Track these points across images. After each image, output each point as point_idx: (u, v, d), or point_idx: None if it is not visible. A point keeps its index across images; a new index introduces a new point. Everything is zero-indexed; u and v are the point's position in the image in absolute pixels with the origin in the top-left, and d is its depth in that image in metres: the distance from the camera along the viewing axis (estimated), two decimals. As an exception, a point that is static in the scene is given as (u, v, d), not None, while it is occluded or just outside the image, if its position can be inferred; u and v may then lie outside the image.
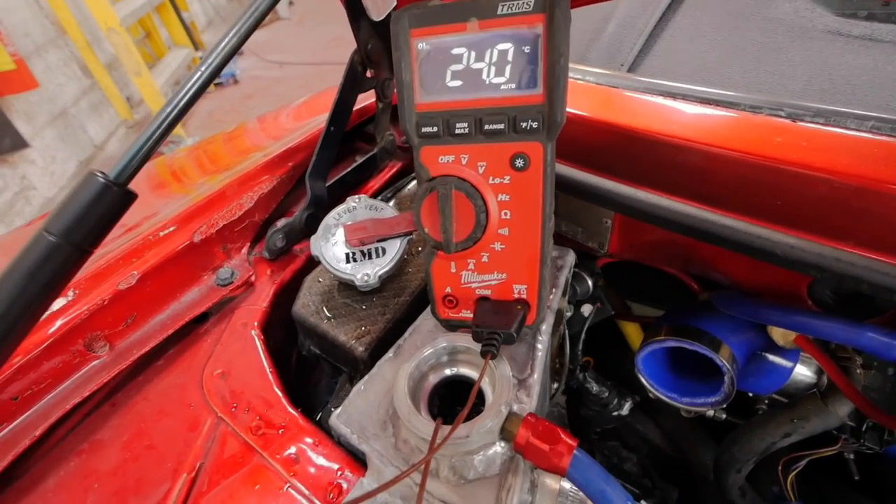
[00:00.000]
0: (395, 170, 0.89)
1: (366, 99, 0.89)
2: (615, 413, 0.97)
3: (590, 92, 0.69)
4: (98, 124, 4.21)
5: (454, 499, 0.43)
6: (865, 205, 0.47)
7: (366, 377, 0.54)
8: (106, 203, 0.36)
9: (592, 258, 0.88)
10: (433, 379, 0.51)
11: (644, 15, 0.78)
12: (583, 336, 0.92)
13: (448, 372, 0.52)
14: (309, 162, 0.73)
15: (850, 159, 0.48)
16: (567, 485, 0.46)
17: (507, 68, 0.43)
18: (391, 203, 0.81)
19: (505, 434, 0.44)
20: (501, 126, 0.44)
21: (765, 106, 0.56)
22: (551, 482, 0.46)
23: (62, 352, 0.52)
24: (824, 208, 0.49)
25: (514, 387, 0.50)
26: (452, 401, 0.54)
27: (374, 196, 0.83)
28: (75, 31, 3.87)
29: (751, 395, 0.90)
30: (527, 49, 0.42)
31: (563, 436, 0.42)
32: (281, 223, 0.71)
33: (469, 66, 0.44)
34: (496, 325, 0.47)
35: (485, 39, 0.43)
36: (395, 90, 0.48)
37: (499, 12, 0.42)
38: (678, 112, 0.61)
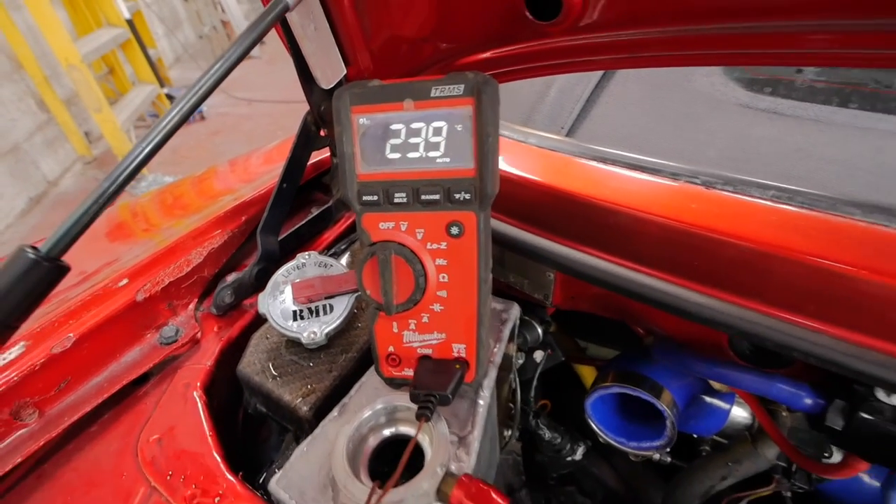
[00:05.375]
0: (350, 221, 0.91)
1: (323, 152, 0.92)
2: (569, 458, 0.98)
3: (533, 155, 0.73)
4: (53, 160, 4.08)
5: (391, 565, 0.43)
6: (768, 267, 0.52)
7: (308, 438, 0.54)
8: (35, 279, 0.36)
9: (543, 306, 0.92)
10: (373, 441, 0.52)
11: (582, 83, 0.85)
12: (535, 382, 0.94)
13: (387, 432, 0.53)
14: (261, 216, 0.74)
15: (755, 226, 0.53)
16: (504, 545, 0.47)
17: (442, 144, 0.47)
18: (346, 256, 0.83)
19: (441, 496, 0.45)
20: (437, 196, 0.47)
21: (682, 174, 0.61)
22: (488, 543, 0.47)
23: (-15, 422, 0.50)
24: (734, 269, 0.54)
25: (453, 445, 0.51)
26: (393, 457, 0.55)
27: (329, 248, 0.84)
28: (33, 67, 3.80)
29: (695, 436, 0.93)
30: (459, 127, 0.46)
31: (494, 496, 0.43)
32: (231, 278, 0.72)
33: (406, 140, 0.48)
34: (433, 387, 0.49)
35: (420, 117, 0.47)
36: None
37: (432, 94, 0.45)
38: (610, 177, 0.66)
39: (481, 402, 0.56)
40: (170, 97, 5.14)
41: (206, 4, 7.26)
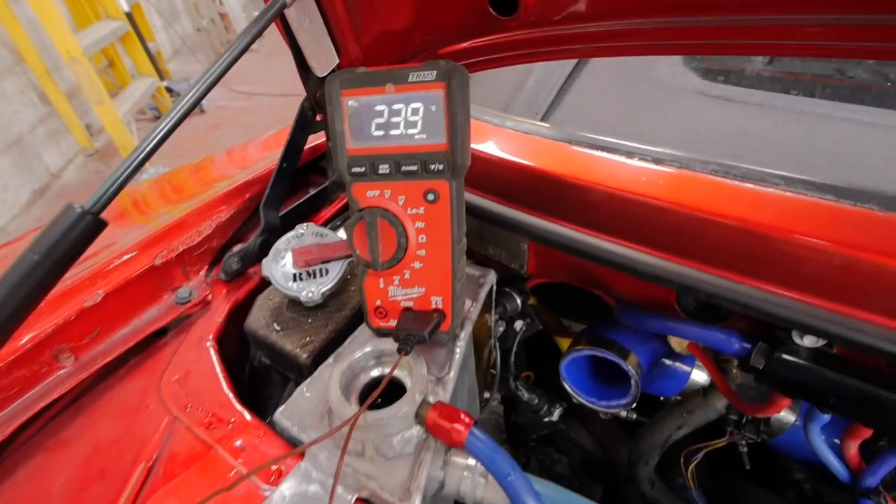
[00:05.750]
0: (345, 201, 0.99)
1: (319, 137, 1.00)
2: (546, 419, 1.07)
3: (510, 138, 0.82)
4: (55, 152, 4.15)
5: (375, 473, 0.52)
6: (704, 230, 0.60)
7: (308, 380, 0.62)
8: (80, 230, 0.44)
9: (522, 279, 1.00)
10: (363, 379, 0.60)
11: (556, 72, 0.93)
12: (514, 349, 1.03)
13: (375, 373, 0.61)
14: (263, 193, 0.82)
15: (694, 195, 0.61)
16: (472, 461, 0.55)
17: (419, 122, 0.55)
18: (341, 231, 0.91)
19: (419, 419, 0.53)
20: (415, 167, 0.55)
21: (637, 153, 0.70)
22: (459, 460, 0.55)
23: (30, 362, 0.58)
24: (677, 234, 0.62)
25: (430, 382, 0.60)
26: (384, 397, 0.63)
27: (326, 223, 0.93)
28: (34, 60, 3.85)
29: (661, 399, 1.02)
30: (433, 108, 0.54)
31: (461, 416, 0.52)
32: (237, 248, 0.80)
33: (389, 119, 0.56)
34: (413, 330, 0.57)
35: (400, 99, 0.55)
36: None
37: (409, 80, 0.53)
38: (577, 156, 0.74)
39: (457, 350, 0.65)
40: (169, 90, 5.20)
41: (204, -3, 7.28)
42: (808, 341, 0.59)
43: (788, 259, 0.55)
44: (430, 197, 0.56)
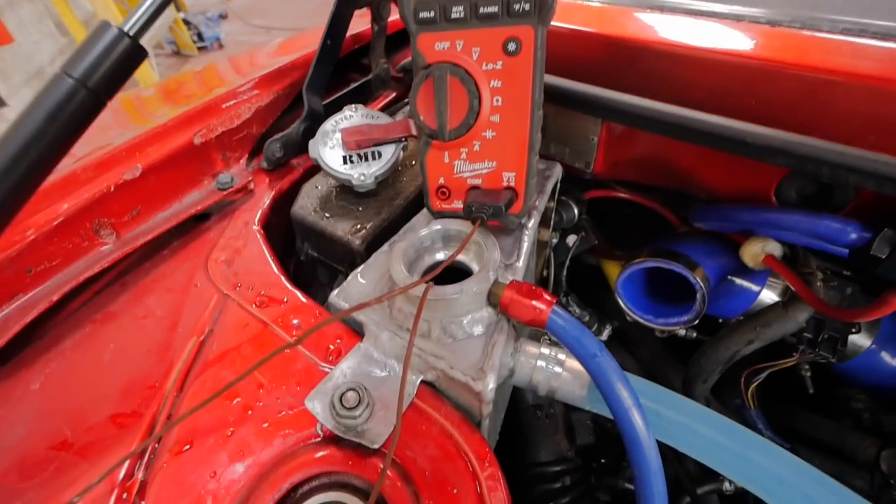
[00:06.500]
0: (388, 98, 0.91)
1: (360, 25, 0.91)
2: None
3: (579, 9, 0.71)
4: (77, 84, 4.09)
5: (444, 353, 0.47)
6: (830, 97, 0.51)
7: (362, 266, 0.57)
8: (119, 53, 0.38)
9: (580, 188, 0.92)
10: (427, 260, 0.55)
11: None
12: (567, 263, 0.97)
13: (440, 256, 0.56)
14: (303, 80, 0.74)
15: (819, 55, 0.52)
16: (545, 349, 0.50)
17: (502, -47, 0.46)
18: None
19: (491, 298, 0.48)
20: (496, 9, 0.47)
21: (746, 16, 0.59)
22: (531, 347, 0.51)
23: (72, 233, 0.54)
24: (793, 103, 0.53)
25: (500, 260, 0.54)
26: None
27: (369, 120, 0.85)
28: (50, -16, 3.72)
29: (720, 320, 0.96)
30: (520, -68, 0.45)
31: (543, 293, 0.46)
32: (279, 136, 0.73)
33: (466, -50, 0.47)
34: (486, 202, 0.51)
35: (482, -77, 0.45)
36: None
37: None
38: (664, 22, 0.64)
39: (525, 237, 0.59)
40: (186, 22, 5.02)
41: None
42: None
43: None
44: (511, 47, 0.48)
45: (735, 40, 0.57)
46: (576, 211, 0.91)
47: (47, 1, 3.88)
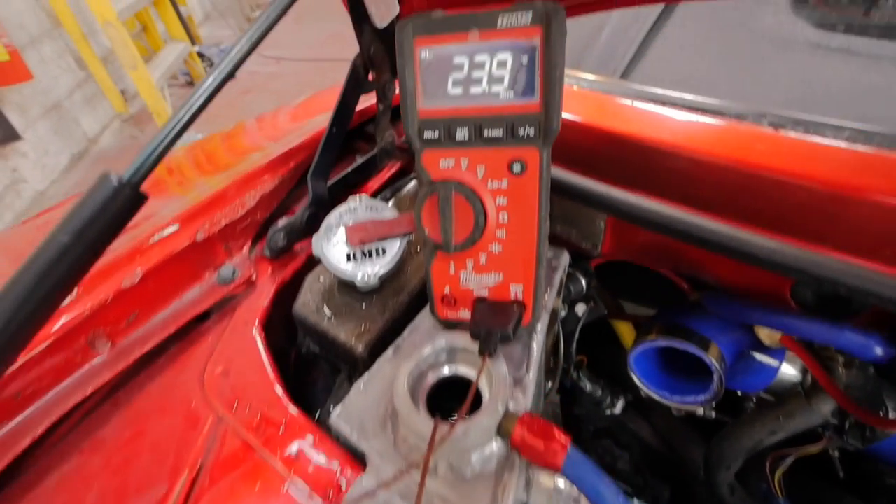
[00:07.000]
0: (394, 169, 0.90)
1: (366, 100, 0.90)
2: (608, 412, 0.99)
3: (584, 97, 0.70)
4: (92, 117, 4.18)
5: (452, 496, 0.44)
6: (841, 210, 0.49)
7: (365, 375, 0.55)
8: (118, 205, 0.37)
9: (586, 258, 0.90)
10: (431, 378, 0.53)
11: (636, 24, 0.80)
12: (577, 335, 0.94)
13: (446, 371, 0.54)
14: (310, 162, 0.74)
15: (828, 168, 0.50)
16: (561, 482, 0.47)
17: (506, 77, 0.45)
18: (391, 203, 0.82)
19: (501, 432, 0.45)
20: (500, 133, 0.46)
21: (749, 114, 0.58)
22: (546, 480, 0.48)
23: (65, 350, 0.53)
24: (804, 213, 0.51)
25: (510, 385, 0.52)
26: (447, 398, 0.56)
27: (374, 195, 0.84)
28: (71, 24, 3.84)
29: (739, 393, 0.92)
30: (524, 60, 0.44)
31: (557, 433, 0.43)
32: (282, 222, 0.72)
33: (470, 74, 0.46)
34: (494, 325, 0.49)
35: (485, 49, 0.45)
36: (398, 93, 0.49)
37: (499, 25, 0.43)
38: (668, 119, 0.62)
39: (535, 344, 0.56)
40: (201, 55, 5.14)
41: (233, -42, 7.10)
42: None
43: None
44: (516, 168, 0.47)
45: (741, 143, 0.55)
46: (584, 283, 0.88)
47: (68, 38, 3.99)
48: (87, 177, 3.76)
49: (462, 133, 0.47)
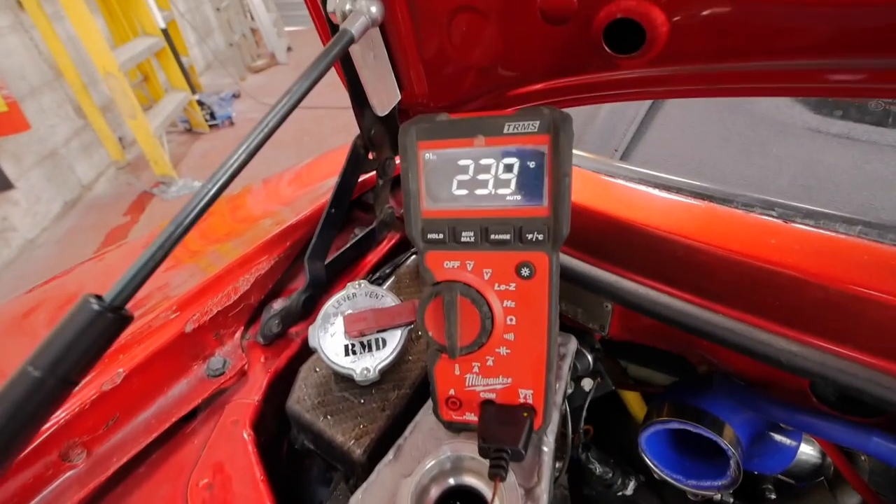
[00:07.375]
0: (394, 241, 0.88)
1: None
2: (619, 493, 0.93)
3: (586, 179, 0.70)
4: (87, 164, 4.20)
5: None
6: (861, 311, 0.47)
7: (364, 485, 0.51)
8: (98, 330, 0.34)
9: (592, 333, 0.87)
10: (435, 491, 0.49)
11: (634, 104, 0.81)
12: (584, 412, 0.90)
13: (452, 482, 0.50)
14: (307, 238, 0.72)
15: (843, 266, 0.48)
16: None
17: (513, 181, 0.44)
18: (391, 279, 0.80)
19: (513, 559, 0.41)
20: (507, 236, 0.44)
21: (756, 204, 0.57)
22: None
23: (34, 464, 0.48)
24: (821, 311, 0.49)
25: (521, 498, 0.48)
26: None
27: (374, 271, 0.82)
28: (72, 75, 3.92)
29: (756, 473, 0.88)
30: (532, 165, 0.43)
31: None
32: (277, 305, 0.70)
33: (475, 177, 0.45)
34: (503, 440, 0.45)
35: (491, 154, 0.44)
36: (400, 184, 0.48)
37: (505, 131, 0.42)
38: (676, 206, 0.61)
39: (546, 448, 0.53)
40: (201, 103, 5.24)
41: (236, 13, 7.40)
42: None
43: None
44: (525, 272, 0.45)
45: (752, 236, 0.54)
46: (590, 359, 0.85)
47: (68, 88, 4.06)
48: (78, 223, 3.74)
49: (468, 235, 0.45)
